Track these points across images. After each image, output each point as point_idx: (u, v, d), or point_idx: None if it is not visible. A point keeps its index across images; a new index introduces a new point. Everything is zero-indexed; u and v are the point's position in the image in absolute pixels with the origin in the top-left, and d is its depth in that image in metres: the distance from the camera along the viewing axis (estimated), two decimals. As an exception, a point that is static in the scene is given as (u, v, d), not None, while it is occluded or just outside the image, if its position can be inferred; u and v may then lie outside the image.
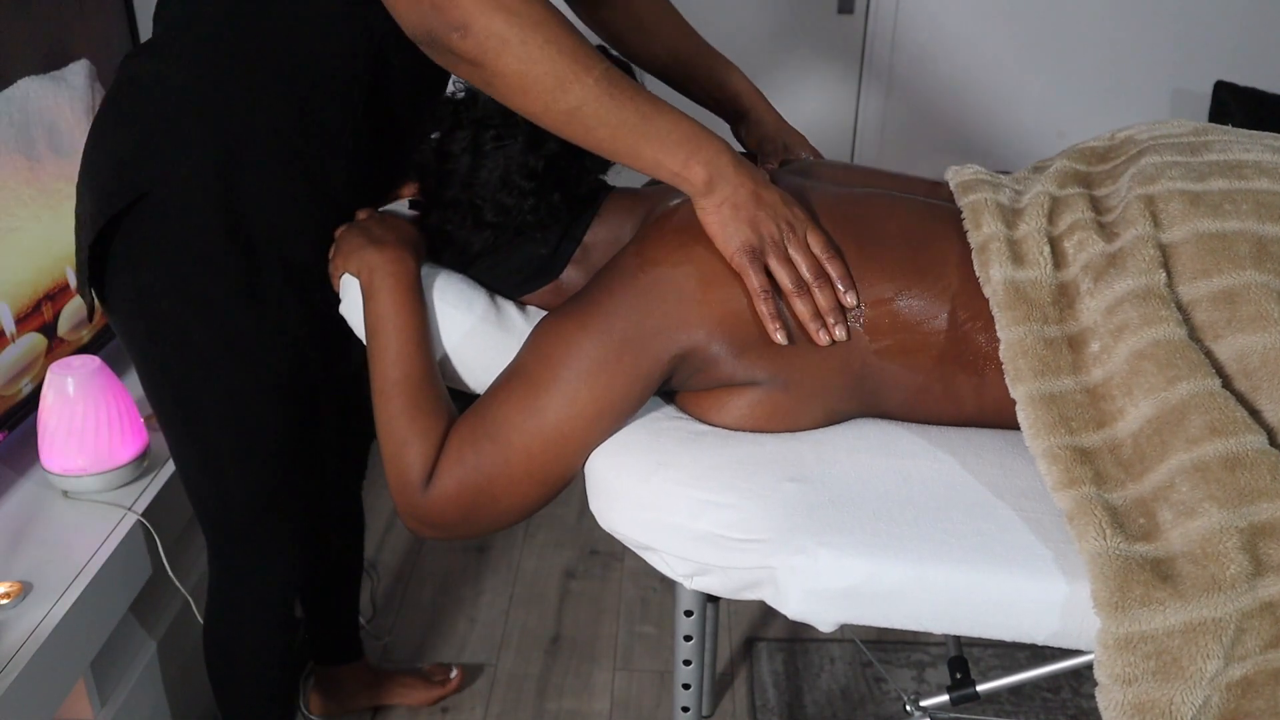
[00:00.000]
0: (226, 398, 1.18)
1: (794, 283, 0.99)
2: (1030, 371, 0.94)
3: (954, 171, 1.12)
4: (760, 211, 0.98)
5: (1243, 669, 0.84)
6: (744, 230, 0.98)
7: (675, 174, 0.98)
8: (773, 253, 0.99)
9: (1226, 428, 0.86)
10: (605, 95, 0.93)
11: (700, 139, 0.98)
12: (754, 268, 0.98)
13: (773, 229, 0.99)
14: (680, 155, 0.97)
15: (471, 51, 0.91)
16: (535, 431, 1.00)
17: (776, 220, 0.99)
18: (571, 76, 0.92)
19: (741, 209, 0.98)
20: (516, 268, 1.13)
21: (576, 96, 0.93)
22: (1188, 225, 0.96)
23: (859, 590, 0.92)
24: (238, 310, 1.14)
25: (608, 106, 0.94)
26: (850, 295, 1.00)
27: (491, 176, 1.08)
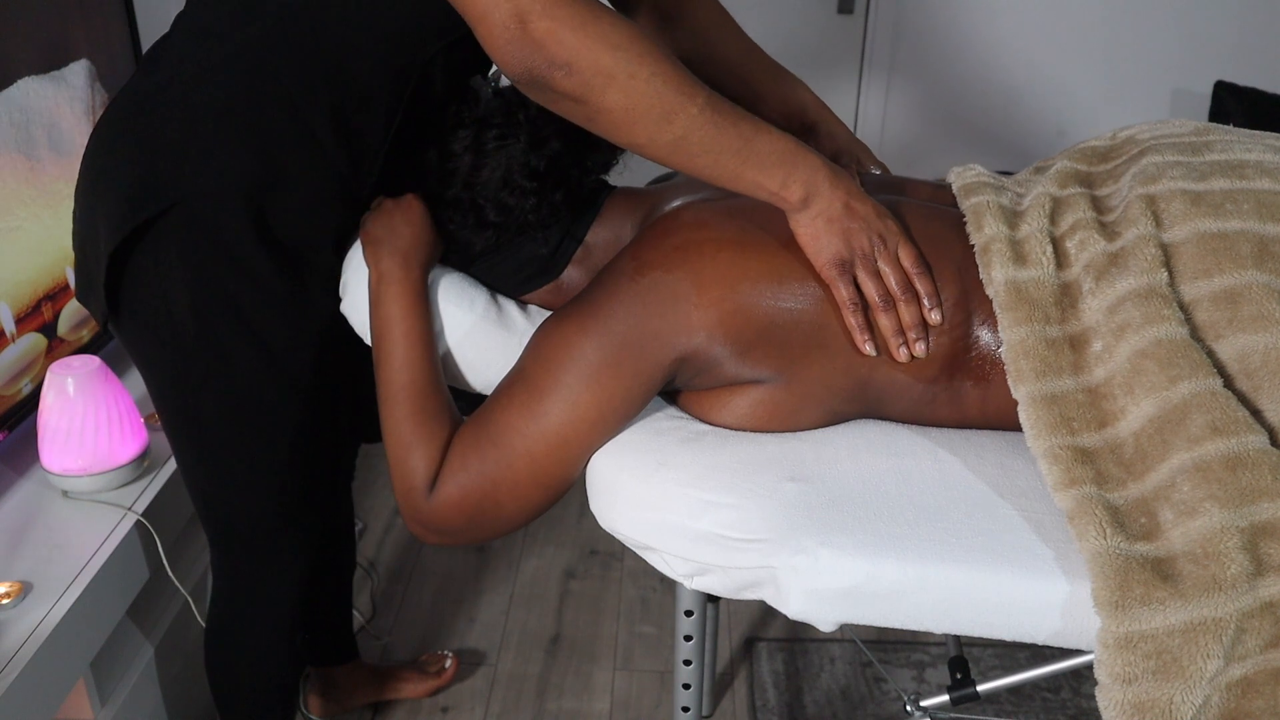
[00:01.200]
0: (256, 410, 1.16)
1: (880, 297, 1.00)
2: (1032, 372, 0.94)
3: (956, 174, 1.12)
4: (853, 224, 0.99)
5: (1243, 669, 0.84)
6: (835, 242, 0.99)
7: (773, 194, 0.98)
8: (862, 266, 0.99)
9: (1228, 427, 0.86)
10: (709, 123, 0.94)
11: (797, 157, 0.98)
12: (843, 280, 0.99)
13: (864, 242, 0.99)
14: (778, 176, 0.97)
15: (577, 89, 0.92)
16: (537, 436, 1.00)
17: (869, 233, 0.99)
18: (677, 107, 0.93)
19: (835, 222, 0.99)
20: (518, 267, 1.13)
21: (681, 126, 0.93)
22: (1189, 225, 0.96)
23: (859, 590, 0.92)
24: (276, 321, 1.13)
25: (711, 134, 0.94)
26: (935, 313, 1.00)
27: (493, 176, 1.08)
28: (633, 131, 0.94)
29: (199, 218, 1.07)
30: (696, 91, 0.94)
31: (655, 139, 0.94)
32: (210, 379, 1.14)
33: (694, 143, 0.94)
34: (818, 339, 1.00)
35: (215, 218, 1.07)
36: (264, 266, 1.10)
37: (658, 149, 0.95)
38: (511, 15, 0.90)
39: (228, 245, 1.08)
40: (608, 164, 1.16)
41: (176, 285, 1.09)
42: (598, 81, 0.91)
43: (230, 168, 1.06)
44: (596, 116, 0.93)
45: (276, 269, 1.11)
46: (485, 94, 1.12)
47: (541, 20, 0.90)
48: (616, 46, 0.90)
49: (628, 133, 0.94)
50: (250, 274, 1.10)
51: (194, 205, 1.06)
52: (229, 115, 1.05)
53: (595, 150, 1.13)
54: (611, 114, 0.93)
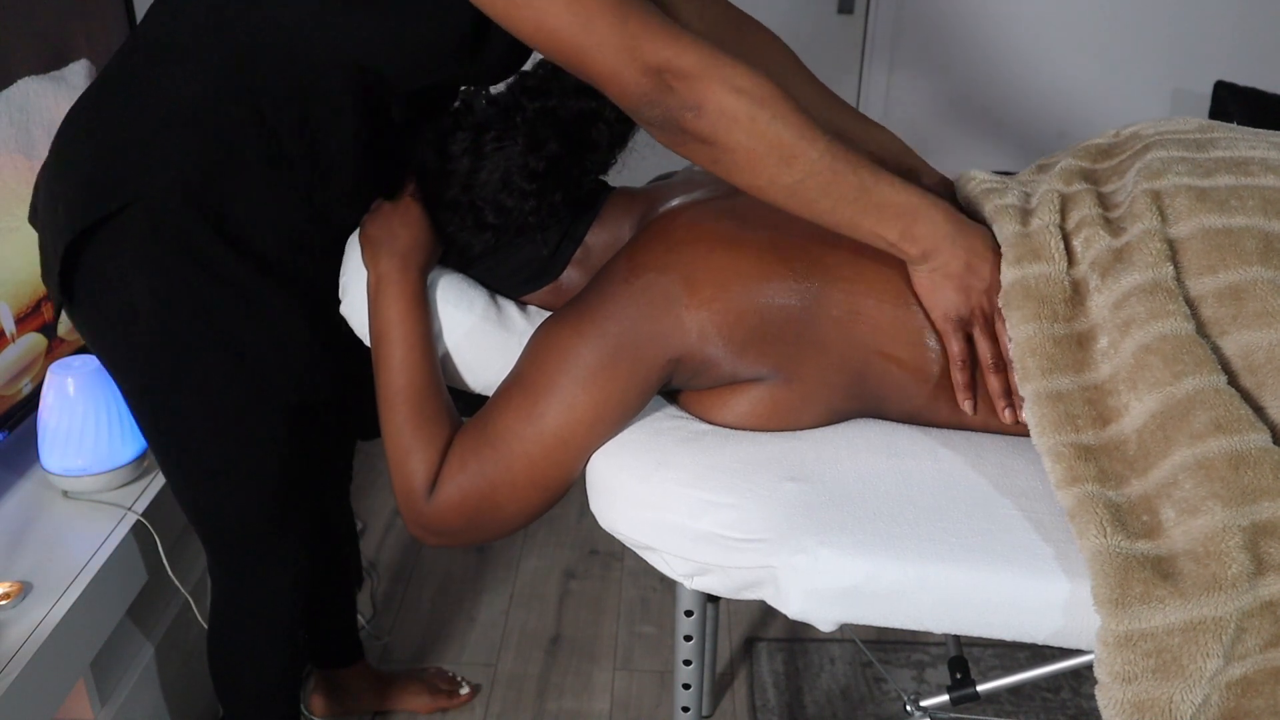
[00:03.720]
0: (233, 415, 1.16)
1: (994, 358, 1.01)
2: (1039, 370, 0.94)
3: (962, 179, 1.12)
4: (970, 282, 1.00)
5: (1243, 668, 0.84)
6: (954, 297, 1.00)
7: (892, 245, 0.99)
8: (979, 324, 1.01)
9: (1231, 425, 0.86)
10: (828, 170, 0.95)
11: (918, 210, 0.98)
12: (956, 336, 1.00)
13: (980, 301, 1.00)
14: (897, 229, 0.98)
15: (705, 130, 0.93)
16: (535, 438, 1.00)
17: (981, 294, 1.00)
18: (797, 151, 0.94)
19: (953, 278, 0.99)
20: (517, 268, 1.13)
21: (801, 170, 0.94)
22: (1194, 220, 0.96)
23: (859, 590, 0.92)
24: (244, 326, 1.13)
25: (830, 180, 0.95)
26: None
27: (492, 178, 1.08)
28: (755, 173, 0.95)
29: (160, 218, 1.07)
30: (818, 137, 0.95)
31: (776, 181, 0.95)
32: (196, 388, 1.14)
33: (812, 187, 0.95)
34: (811, 335, 1.00)
35: (177, 219, 1.07)
36: (235, 270, 1.10)
37: (778, 191, 0.96)
38: (641, 71, 0.92)
39: (194, 247, 1.08)
40: (606, 165, 1.15)
41: (138, 283, 1.09)
42: (723, 123, 0.93)
43: (192, 172, 1.06)
44: (722, 157, 0.95)
45: (249, 273, 1.11)
46: (478, 104, 1.12)
47: (669, 69, 0.92)
48: (740, 90, 0.92)
49: (750, 174, 0.95)
50: (218, 275, 1.10)
51: (153, 205, 1.06)
52: (194, 121, 1.05)
53: (593, 151, 1.13)
54: (735, 154, 0.94)
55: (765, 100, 0.93)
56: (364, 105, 1.08)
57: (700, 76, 0.92)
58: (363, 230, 1.13)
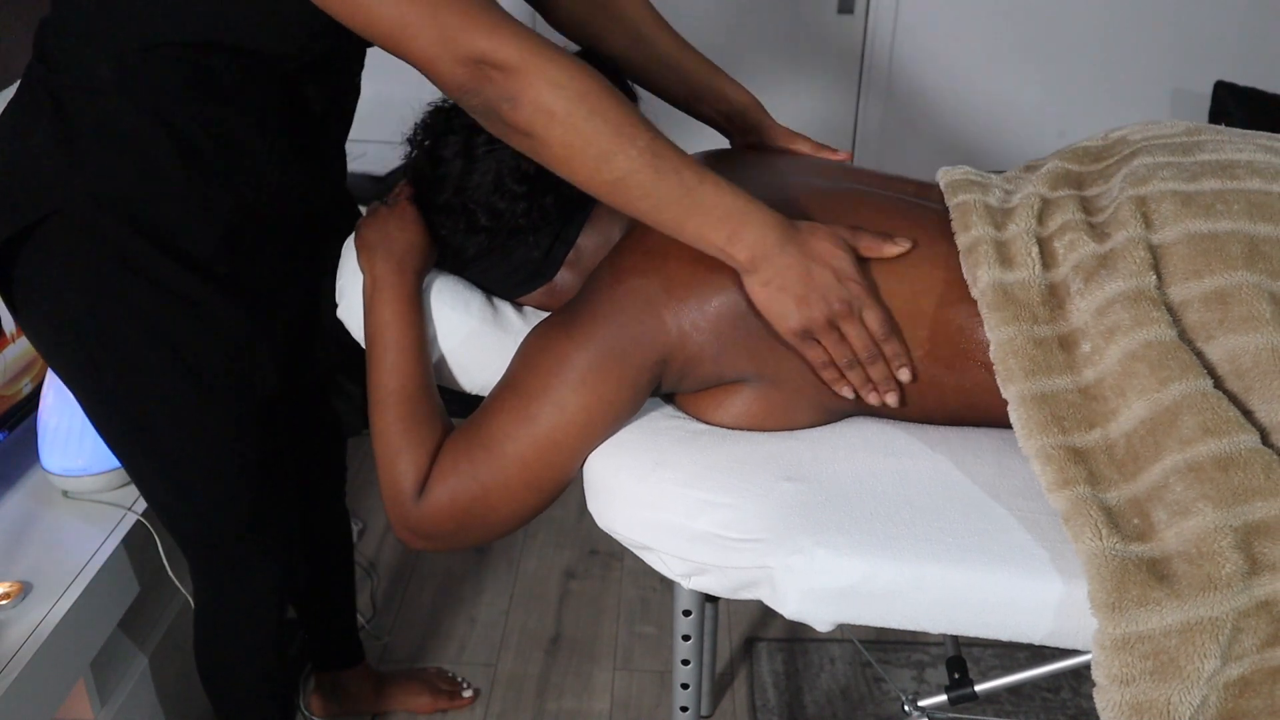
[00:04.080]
0: (184, 417, 1.16)
1: (847, 359, 0.99)
2: (1021, 371, 0.94)
3: (944, 172, 1.12)
4: (811, 293, 0.96)
5: (1240, 668, 0.84)
6: (793, 312, 0.97)
7: (720, 249, 0.96)
8: (824, 335, 0.98)
9: (1219, 428, 0.86)
10: (649, 168, 0.93)
11: (744, 215, 0.96)
12: (806, 345, 0.99)
13: (824, 309, 0.97)
14: (723, 232, 0.95)
15: (522, 124, 0.93)
16: (528, 440, 1.01)
17: (828, 300, 0.96)
18: (615, 149, 0.93)
19: (787, 290, 0.96)
20: (511, 270, 1.14)
21: (621, 168, 0.93)
22: (1179, 226, 0.96)
23: (856, 590, 0.92)
24: (183, 328, 1.12)
25: (651, 179, 0.94)
26: (905, 372, 1.00)
27: (484, 181, 1.08)
28: (573, 168, 0.94)
29: (81, 227, 1.06)
30: (638, 134, 0.93)
31: (595, 178, 0.94)
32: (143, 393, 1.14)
33: (633, 186, 0.94)
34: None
35: (99, 227, 1.06)
36: (173, 275, 1.09)
37: (599, 188, 0.95)
38: (457, 61, 0.91)
39: (122, 254, 1.07)
40: None
41: (69, 294, 1.09)
42: (539, 118, 0.92)
43: (109, 177, 1.05)
44: (540, 150, 0.94)
45: (178, 274, 1.10)
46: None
47: (486, 60, 0.91)
48: (557, 85, 0.91)
49: (569, 169, 0.95)
50: (150, 280, 1.09)
51: (75, 216, 1.06)
52: (99, 127, 1.04)
53: None
54: (553, 149, 0.93)
55: (584, 95, 0.92)
56: (264, 93, 1.07)
57: (517, 69, 0.91)
58: (358, 234, 1.13)
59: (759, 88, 1.32)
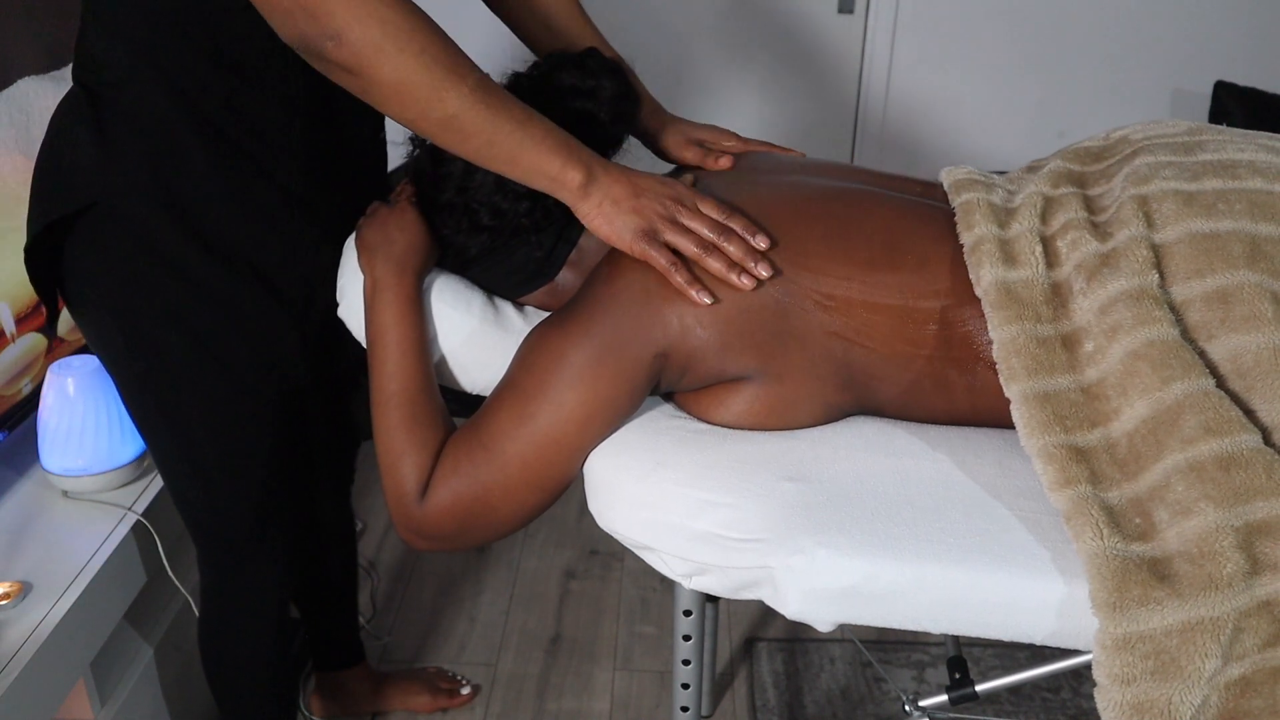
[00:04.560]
0: (210, 407, 1.17)
1: (698, 246, 0.99)
2: (1024, 370, 0.94)
3: (947, 172, 1.12)
4: (641, 199, 1.00)
5: (1241, 668, 0.84)
6: (630, 219, 1.00)
7: (553, 179, 0.99)
8: (666, 229, 0.99)
9: (1221, 427, 0.86)
10: (481, 104, 0.94)
11: (573, 145, 0.99)
12: (653, 248, 0.99)
13: (658, 208, 1.00)
14: (556, 161, 0.98)
15: (347, 60, 0.91)
16: (528, 439, 1.01)
17: (660, 200, 1.00)
18: (447, 85, 0.92)
19: (621, 202, 1.00)
20: (512, 270, 1.14)
21: (453, 105, 0.93)
22: (1181, 225, 0.96)
23: (857, 590, 0.92)
24: (211, 317, 1.14)
25: (484, 115, 0.94)
26: (760, 238, 1.00)
27: (486, 180, 1.08)
28: (404, 106, 0.94)
29: (120, 219, 1.08)
30: (467, 72, 0.94)
31: (426, 115, 0.94)
32: (172, 381, 1.16)
33: (466, 123, 0.94)
34: (790, 328, 1.00)
35: (137, 219, 1.08)
36: (203, 269, 1.11)
37: (429, 125, 0.95)
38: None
39: (160, 247, 1.09)
40: None
41: (109, 282, 1.11)
42: (367, 54, 0.91)
43: (143, 166, 1.07)
44: (369, 89, 0.94)
45: (218, 271, 1.12)
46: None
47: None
48: (384, 20, 0.90)
49: (399, 108, 0.94)
50: (186, 276, 1.11)
51: (111, 207, 1.07)
52: (131, 114, 1.06)
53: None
54: (382, 87, 0.93)
55: (413, 32, 0.91)
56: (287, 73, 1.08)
57: (343, 5, 0.89)
58: (359, 235, 1.13)
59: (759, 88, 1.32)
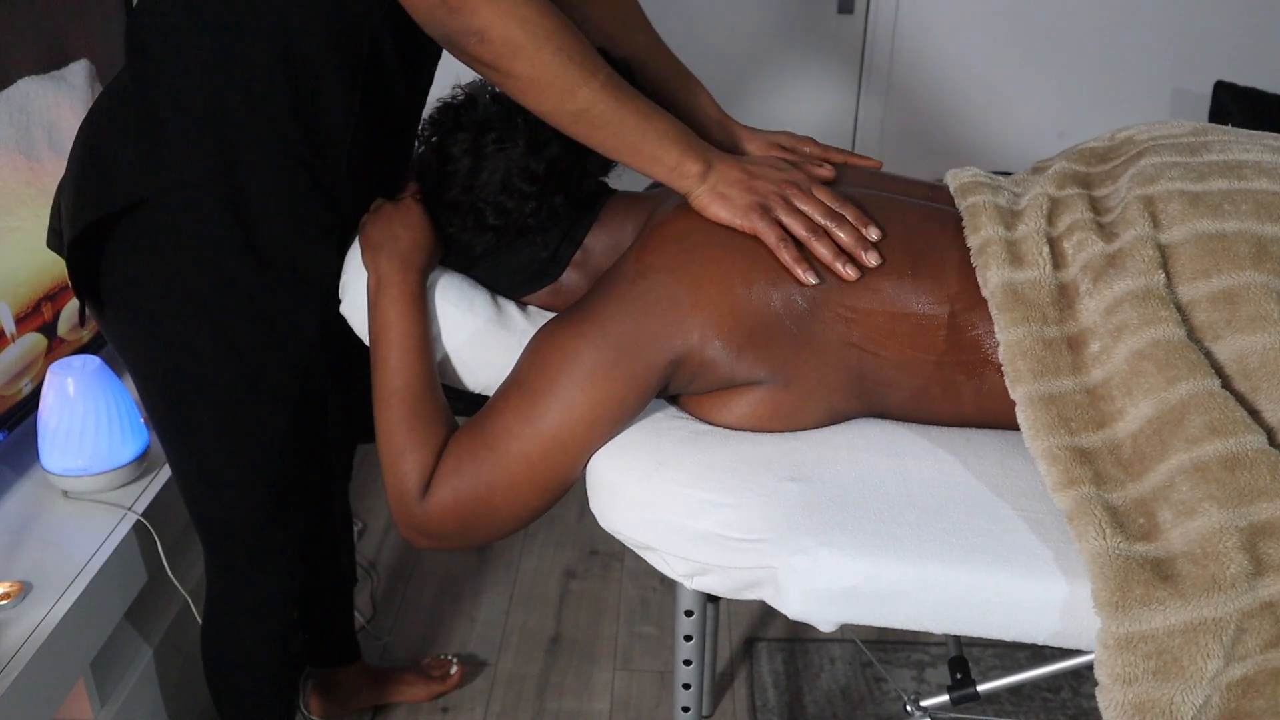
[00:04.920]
0: (233, 410, 1.18)
1: (808, 229, 1.02)
2: (1029, 373, 0.94)
3: (953, 174, 1.12)
4: (756, 181, 1.05)
5: (1243, 669, 0.84)
6: (745, 197, 1.03)
7: (672, 168, 1.04)
8: (780, 208, 1.03)
9: (1226, 428, 0.86)
10: (610, 98, 1.00)
11: (691, 138, 1.05)
12: (765, 222, 1.02)
13: (773, 188, 1.04)
14: (675, 151, 1.03)
15: (488, 56, 0.97)
16: (534, 439, 1.00)
17: (775, 182, 1.04)
18: (580, 81, 0.99)
19: (736, 183, 1.04)
20: (517, 269, 1.14)
21: (584, 99, 0.99)
22: (1187, 226, 0.96)
23: (859, 590, 0.92)
24: (247, 322, 1.14)
25: (612, 108, 1.01)
26: (872, 230, 1.03)
27: (492, 179, 1.08)
28: (540, 100, 1.00)
29: (172, 216, 1.08)
30: (598, 68, 1.00)
31: (559, 108, 1.00)
32: (198, 382, 1.16)
33: (595, 115, 1.00)
34: (808, 336, 1.00)
35: (189, 217, 1.09)
36: (240, 271, 1.11)
37: (563, 118, 1.01)
38: None
39: (202, 247, 1.10)
40: (607, 167, 1.15)
41: (150, 279, 1.11)
42: (506, 51, 0.97)
43: (197, 167, 1.07)
44: (506, 83, 1.00)
45: (254, 274, 1.12)
46: (483, 99, 1.12)
47: None
48: (524, 20, 0.96)
49: (535, 100, 1.00)
50: (224, 278, 1.11)
51: (166, 203, 1.08)
52: (192, 112, 1.06)
53: (594, 154, 1.13)
54: (520, 81, 0.99)
55: (551, 32, 0.97)
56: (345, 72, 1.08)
57: (487, 4, 0.95)
58: (363, 232, 1.13)
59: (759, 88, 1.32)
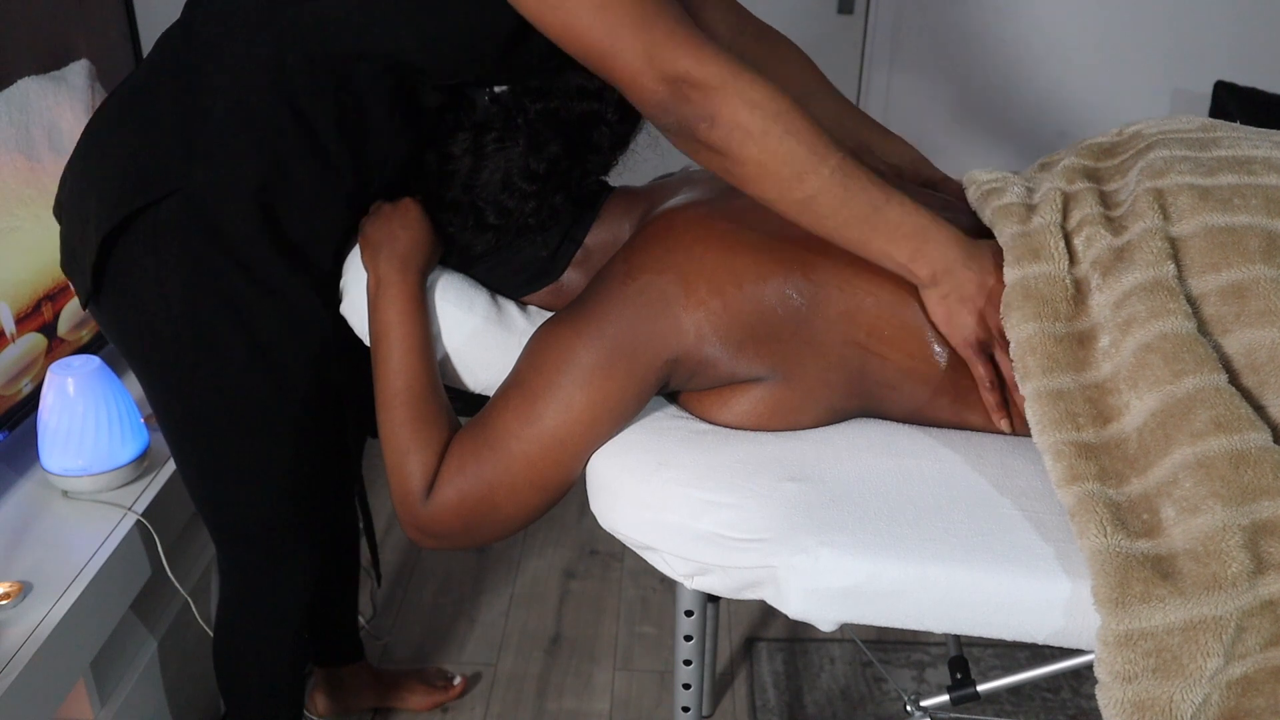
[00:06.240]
0: (253, 407, 1.16)
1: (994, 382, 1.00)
2: (1039, 368, 0.94)
3: (968, 177, 1.12)
4: (989, 306, 0.99)
5: (1243, 667, 0.84)
6: (969, 322, 0.99)
7: (901, 265, 0.98)
8: (1000, 346, 1.00)
9: (1231, 424, 0.86)
10: (839, 187, 0.95)
11: (929, 232, 0.98)
12: (980, 359, 1.00)
13: (999, 322, 0.99)
14: (907, 250, 0.98)
15: (718, 141, 0.94)
16: (534, 438, 1.01)
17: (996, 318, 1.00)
18: (809, 168, 0.94)
19: (967, 301, 0.99)
20: (518, 269, 1.14)
21: (812, 187, 0.95)
22: (1197, 219, 0.96)
23: (860, 589, 0.92)
24: (273, 319, 1.13)
25: (841, 198, 0.96)
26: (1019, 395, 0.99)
27: (493, 179, 1.08)
28: (764, 187, 0.96)
29: (201, 210, 1.07)
30: (830, 154, 0.95)
31: (785, 196, 0.96)
32: (218, 379, 1.14)
33: (822, 204, 0.96)
34: (808, 335, 1.00)
35: (219, 212, 1.07)
36: (268, 267, 1.10)
37: (788, 206, 0.97)
38: (659, 78, 0.93)
39: (231, 241, 1.08)
40: (607, 166, 1.16)
41: (172, 275, 1.09)
42: (736, 136, 0.94)
43: (236, 164, 1.06)
44: (733, 169, 0.96)
45: (281, 270, 1.11)
46: (481, 101, 1.12)
47: (686, 79, 0.93)
48: (754, 104, 0.93)
49: (760, 187, 0.96)
50: (251, 272, 1.10)
51: (197, 197, 1.06)
52: (237, 112, 1.05)
53: (595, 153, 1.13)
54: (746, 168, 0.95)
55: (779, 115, 0.94)
56: (399, 101, 1.08)
57: (717, 89, 0.93)
58: (362, 232, 1.13)
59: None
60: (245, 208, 1.07)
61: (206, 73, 1.06)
